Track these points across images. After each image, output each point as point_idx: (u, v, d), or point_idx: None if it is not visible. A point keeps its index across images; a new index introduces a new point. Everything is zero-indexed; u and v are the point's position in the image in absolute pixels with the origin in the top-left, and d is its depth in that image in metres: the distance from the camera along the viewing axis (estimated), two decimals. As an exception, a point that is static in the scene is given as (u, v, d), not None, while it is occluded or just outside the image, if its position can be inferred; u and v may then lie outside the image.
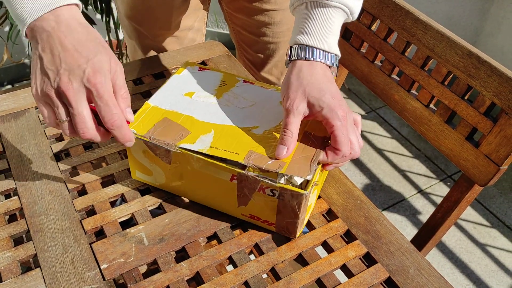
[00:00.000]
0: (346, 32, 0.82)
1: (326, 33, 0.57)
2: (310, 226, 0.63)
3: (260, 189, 0.55)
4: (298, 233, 0.59)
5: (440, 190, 1.68)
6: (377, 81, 0.77)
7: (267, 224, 0.59)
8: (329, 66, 0.58)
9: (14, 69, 1.84)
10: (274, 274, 0.58)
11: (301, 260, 0.60)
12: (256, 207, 0.57)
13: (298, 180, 0.54)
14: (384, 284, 0.57)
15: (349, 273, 0.58)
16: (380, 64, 0.79)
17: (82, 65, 0.49)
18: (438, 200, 1.64)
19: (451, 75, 0.69)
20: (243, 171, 0.54)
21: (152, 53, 1.00)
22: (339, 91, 0.57)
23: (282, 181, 0.54)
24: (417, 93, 0.73)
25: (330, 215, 0.65)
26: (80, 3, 0.54)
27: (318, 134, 0.59)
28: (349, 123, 0.55)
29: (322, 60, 0.57)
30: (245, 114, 0.61)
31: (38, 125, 0.73)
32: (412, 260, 0.59)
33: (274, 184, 0.53)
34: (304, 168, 0.54)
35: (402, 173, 1.73)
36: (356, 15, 0.59)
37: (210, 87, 0.66)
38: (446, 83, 0.69)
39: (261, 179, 0.54)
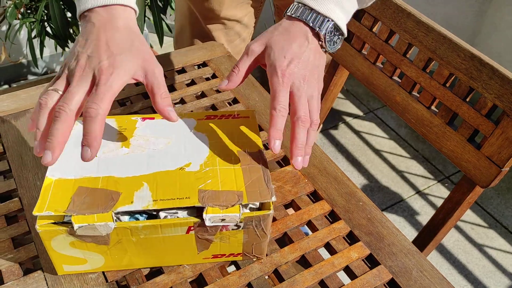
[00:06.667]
0: (348, 34, 0.82)
1: None
2: (313, 227, 0.63)
3: (222, 227, 0.52)
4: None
5: (438, 191, 1.68)
6: (378, 82, 0.77)
7: (232, 256, 0.57)
8: (314, 31, 0.55)
9: (12, 69, 1.83)
10: (277, 276, 0.58)
11: (304, 262, 0.60)
12: (219, 246, 0.55)
13: (257, 203, 0.53)
14: (387, 286, 0.57)
15: (352, 275, 0.58)
16: (382, 66, 0.79)
17: (102, 56, 0.49)
18: (436, 201, 1.65)
19: (453, 77, 0.69)
20: (199, 220, 0.50)
21: (197, 38, 0.99)
22: (305, 56, 0.54)
23: (245, 210, 0.52)
24: (418, 95, 0.73)
25: (332, 216, 0.65)
26: (137, 9, 0.55)
27: (252, 150, 0.57)
28: (302, 91, 0.53)
29: (306, 19, 0.55)
30: (168, 154, 0.55)
31: (39, 125, 0.72)
32: (415, 262, 0.59)
33: (237, 220, 0.51)
34: (264, 191, 0.52)
35: (400, 174, 1.74)
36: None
37: (110, 137, 0.57)
38: (447, 85, 0.69)
39: (222, 224, 0.51)
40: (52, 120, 0.48)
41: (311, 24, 0.55)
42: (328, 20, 0.55)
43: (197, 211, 0.52)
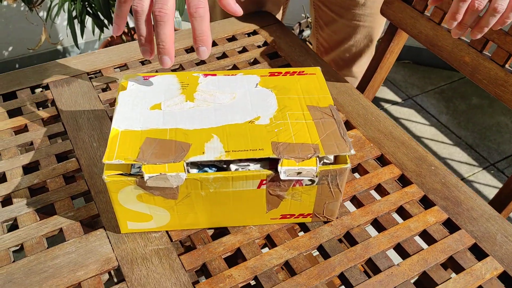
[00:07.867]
0: (408, -4, 0.77)
1: None
2: (383, 191, 0.59)
3: (296, 183, 0.49)
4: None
5: (483, 178, 1.61)
6: (444, 44, 0.72)
7: (301, 217, 0.53)
8: None
9: (48, 55, 1.84)
10: (349, 239, 0.54)
11: (376, 226, 0.56)
12: (290, 204, 0.51)
13: (331, 157, 0.50)
14: (469, 251, 0.53)
15: (430, 239, 0.54)
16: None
17: None
18: (482, 188, 1.58)
19: (532, 33, 0.64)
20: (273, 172, 0.47)
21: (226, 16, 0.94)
22: None
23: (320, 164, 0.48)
24: (490, 54, 0.68)
25: (403, 181, 0.61)
26: None
27: (323, 105, 0.53)
28: None
29: None
30: (235, 108, 0.53)
31: (92, 90, 0.71)
32: (498, 227, 0.55)
33: (314, 174, 0.47)
34: (341, 144, 0.48)
35: (443, 160, 1.68)
36: None
37: (173, 92, 0.55)
38: (525, 41, 0.64)
39: (297, 178, 0.47)
40: (149, 23, 0.49)
41: None
42: None
43: (269, 165, 0.49)
